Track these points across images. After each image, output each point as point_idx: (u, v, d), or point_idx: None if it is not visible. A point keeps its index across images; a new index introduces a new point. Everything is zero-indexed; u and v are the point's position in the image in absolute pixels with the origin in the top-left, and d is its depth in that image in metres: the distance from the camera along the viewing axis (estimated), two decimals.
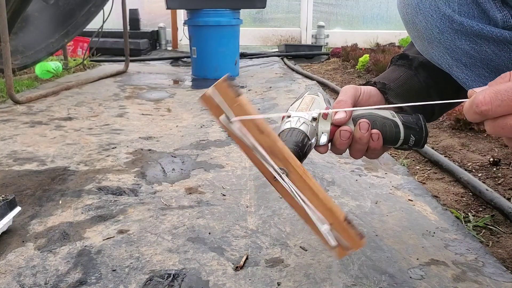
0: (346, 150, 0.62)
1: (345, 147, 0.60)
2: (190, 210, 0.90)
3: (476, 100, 0.42)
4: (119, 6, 2.70)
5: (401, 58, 0.71)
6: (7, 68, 1.80)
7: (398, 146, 0.62)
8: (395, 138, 0.61)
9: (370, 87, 0.66)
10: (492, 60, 0.54)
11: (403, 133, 0.61)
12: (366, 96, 0.64)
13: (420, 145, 0.62)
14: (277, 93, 2.16)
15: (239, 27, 2.79)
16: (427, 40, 0.59)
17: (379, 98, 0.66)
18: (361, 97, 0.64)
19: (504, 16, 0.51)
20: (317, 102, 0.62)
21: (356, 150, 0.61)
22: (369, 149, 0.60)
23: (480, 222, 0.87)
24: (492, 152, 1.25)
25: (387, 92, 0.65)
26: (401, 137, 0.61)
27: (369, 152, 0.61)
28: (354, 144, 0.60)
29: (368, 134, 0.59)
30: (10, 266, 0.69)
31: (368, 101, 0.64)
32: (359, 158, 0.62)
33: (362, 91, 0.64)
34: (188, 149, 1.29)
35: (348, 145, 0.60)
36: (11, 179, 1.05)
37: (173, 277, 0.67)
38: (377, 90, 0.66)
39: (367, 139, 0.59)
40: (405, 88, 0.67)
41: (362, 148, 0.60)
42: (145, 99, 2.05)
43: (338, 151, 0.61)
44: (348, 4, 4.56)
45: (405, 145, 0.62)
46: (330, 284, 0.65)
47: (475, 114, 0.42)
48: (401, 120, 0.61)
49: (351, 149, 0.61)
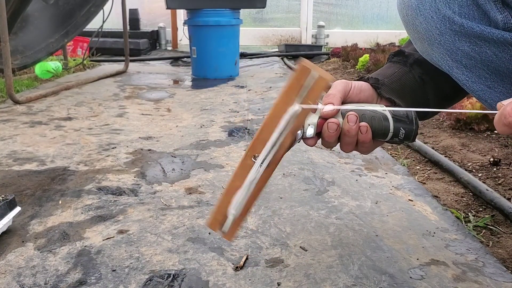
0: (337, 144, 0.62)
1: (333, 139, 0.60)
2: (190, 210, 0.89)
3: (504, 112, 0.42)
4: (119, 6, 2.70)
5: (396, 54, 0.71)
6: (7, 68, 1.80)
7: (388, 139, 0.62)
8: (384, 131, 0.61)
9: (362, 82, 0.66)
10: (492, 61, 0.54)
11: (392, 126, 0.61)
12: (356, 91, 0.64)
13: (410, 139, 0.62)
14: (277, 93, 2.16)
15: (239, 27, 2.79)
16: (427, 42, 0.59)
17: (371, 93, 0.66)
18: (351, 91, 0.64)
19: (505, 17, 0.51)
20: None
21: (345, 143, 0.61)
22: (359, 143, 0.61)
23: (480, 222, 0.87)
24: (492, 152, 1.25)
25: (380, 87, 0.65)
26: (391, 130, 0.61)
27: (359, 146, 0.61)
28: (343, 137, 0.60)
29: (356, 126, 0.59)
30: (10, 266, 0.69)
31: (358, 96, 0.64)
32: (349, 151, 0.62)
33: (352, 86, 0.64)
34: (188, 149, 1.29)
35: (337, 138, 0.60)
36: (11, 179, 1.05)
37: (173, 277, 0.67)
38: (369, 85, 0.66)
39: (355, 131, 0.59)
40: (400, 84, 0.67)
41: (351, 141, 0.60)
42: (145, 99, 2.05)
43: (327, 144, 0.61)
44: (348, 4, 4.56)
45: (395, 138, 0.62)
46: (330, 284, 0.65)
47: (504, 126, 0.43)
48: (391, 113, 0.61)
49: (340, 142, 0.61)
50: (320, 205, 0.92)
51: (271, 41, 4.58)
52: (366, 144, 0.61)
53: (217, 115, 1.72)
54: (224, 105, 1.91)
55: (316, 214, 0.88)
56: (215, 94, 2.17)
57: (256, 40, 4.57)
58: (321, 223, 0.84)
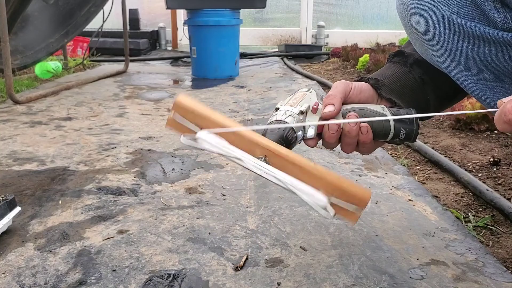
0: (337, 145, 0.62)
1: (334, 140, 0.60)
2: (190, 210, 0.89)
3: (504, 109, 0.42)
4: (119, 6, 2.70)
5: (396, 55, 0.71)
6: (7, 68, 1.80)
7: (389, 140, 0.62)
8: (385, 131, 0.61)
9: (362, 83, 0.66)
10: (492, 61, 0.54)
11: (393, 126, 0.61)
12: (357, 91, 0.64)
13: (411, 139, 0.62)
14: (277, 93, 2.16)
15: (239, 27, 2.79)
16: (426, 42, 0.59)
17: (371, 93, 0.66)
18: (351, 92, 0.64)
19: (504, 17, 0.51)
20: (308, 97, 0.62)
21: (346, 144, 0.61)
22: (360, 143, 0.61)
23: (480, 222, 0.87)
24: (492, 152, 1.25)
25: (381, 88, 0.66)
26: (391, 130, 0.61)
27: (360, 146, 0.62)
28: (343, 137, 0.60)
29: (357, 127, 0.59)
30: (10, 266, 0.69)
31: (358, 96, 0.64)
32: (350, 152, 0.62)
33: (353, 86, 0.64)
34: (188, 149, 1.29)
35: (337, 139, 0.60)
36: (11, 179, 1.05)
37: (173, 277, 0.67)
38: (369, 86, 0.66)
39: (355, 132, 0.59)
40: (400, 84, 0.67)
41: (351, 142, 0.60)
42: (145, 99, 2.05)
43: (328, 144, 0.61)
44: (348, 4, 4.56)
45: (396, 139, 0.62)
46: (330, 284, 0.65)
47: (505, 123, 0.42)
48: (391, 114, 0.61)
49: (341, 143, 0.62)
50: None
51: (271, 41, 4.58)
52: (366, 145, 0.61)
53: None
54: (224, 105, 1.91)
55: (316, 214, 0.88)
56: (215, 94, 2.17)
57: (256, 40, 4.57)
58: (321, 223, 0.84)
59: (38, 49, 2.46)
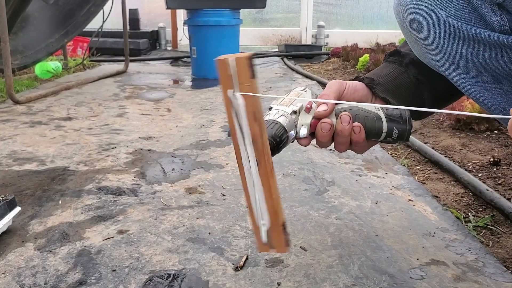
0: (331, 144, 0.62)
1: (327, 139, 0.60)
2: (190, 210, 0.89)
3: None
4: (119, 6, 2.70)
5: (392, 54, 0.71)
6: (7, 68, 1.80)
7: (382, 139, 0.63)
8: (377, 131, 0.61)
9: (357, 82, 0.66)
10: (489, 64, 0.54)
11: (385, 126, 0.61)
12: (351, 91, 0.65)
13: (404, 138, 0.62)
14: (277, 93, 2.16)
15: (239, 27, 2.79)
16: (424, 45, 0.59)
17: (365, 92, 0.66)
18: (345, 91, 0.64)
19: (501, 20, 0.51)
20: (302, 97, 0.62)
21: (339, 143, 0.61)
22: (352, 142, 0.61)
23: (481, 222, 0.87)
24: (492, 152, 1.25)
25: (375, 87, 0.66)
26: (384, 130, 0.61)
27: (353, 146, 0.62)
28: (336, 137, 0.61)
29: (350, 126, 0.59)
30: (9, 266, 0.69)
31: (353, 95, 0.65)
32: (343, 151, 0.63)
33: (347, 86, 0.65)
34: (188, 149, 1.29)
35: (330, 138, 0.61)
36: (11, 179, 1.05)
37: (173, 277, 0.67)
38: (364, 85, 0.66)
39: (348, 131, 0.59)
40: (395, 84, 0.67)
41: (344, 141, 0.61)
42: (145, 99, 2.05)
43: (321, 143, 0.62)
44: (348, 4, 4.56)
45: (389, 138, 0.62)
46: (330, 284, 0.65)
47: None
48: (384, 113, 0.61)
49: (334, 142, 0.62)
50: (320, 205, 0.92)
51: (271, 41, 4.58)
52: (359, 144, 0.61)
53: (217, 115, 1.72)
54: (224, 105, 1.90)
55: (316, 214, 0.88)
56: (215, 94, 2.17)
57: (256, 40, 4.57)
58: (321, 223, 0.84)
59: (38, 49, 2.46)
